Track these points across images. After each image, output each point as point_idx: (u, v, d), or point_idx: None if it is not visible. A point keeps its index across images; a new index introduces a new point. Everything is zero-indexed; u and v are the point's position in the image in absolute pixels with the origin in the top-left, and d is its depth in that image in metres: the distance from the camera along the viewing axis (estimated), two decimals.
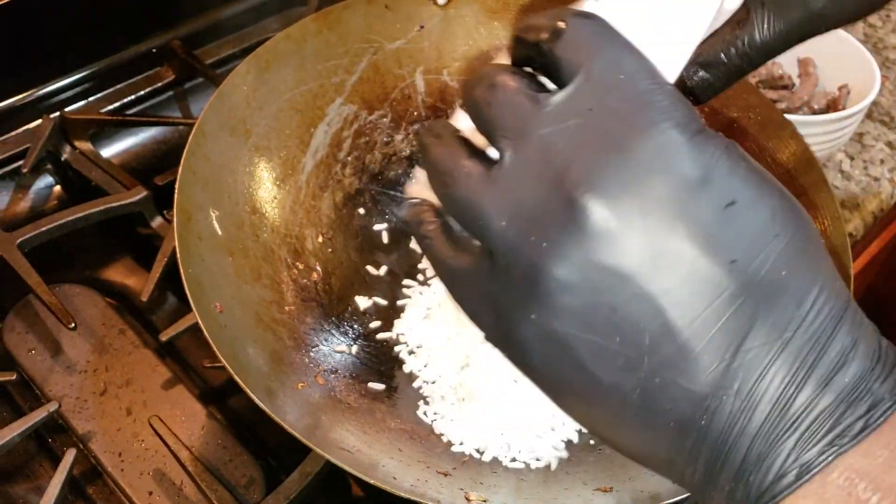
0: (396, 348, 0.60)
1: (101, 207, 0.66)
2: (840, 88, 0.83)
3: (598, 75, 0.28)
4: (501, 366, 0.55)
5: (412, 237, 0.67)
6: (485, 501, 0.49)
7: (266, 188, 0.62)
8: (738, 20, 0.38)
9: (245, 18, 0.84)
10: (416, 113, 0.70)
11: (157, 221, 0.68)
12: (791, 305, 0.26)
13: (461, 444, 0.55)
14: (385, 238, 0.67)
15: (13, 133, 0.74)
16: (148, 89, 0.79)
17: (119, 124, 0.76)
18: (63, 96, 0.76)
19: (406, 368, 0.59)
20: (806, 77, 0.85)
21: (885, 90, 0.92)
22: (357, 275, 0.64)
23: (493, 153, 0.30)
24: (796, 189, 0.60)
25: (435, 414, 0.57)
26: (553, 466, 0.54)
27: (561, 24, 0.29)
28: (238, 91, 0.61)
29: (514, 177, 0.28)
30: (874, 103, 0.88)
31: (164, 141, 0.78)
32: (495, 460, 0.54)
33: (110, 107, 0.77)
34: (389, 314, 0.62)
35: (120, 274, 0.69)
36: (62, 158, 0.73)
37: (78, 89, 0.77)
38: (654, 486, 0.50)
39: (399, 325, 0.61)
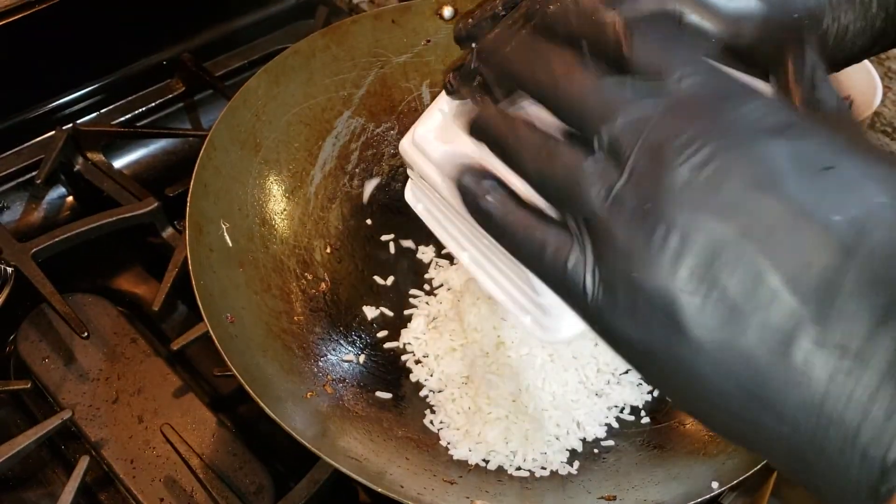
0: (403, 357, 0.61)
1: (113, 218, 0.67)
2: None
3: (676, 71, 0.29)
4: (507, 375, 0.56)
5: (413, 248, 0.68)
6: None
7: (275, 200, 0.63)
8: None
9: (253, 31, 0.85)
10: None
11: (167, 232, 0.69)
12: None
13: (467, 452, 0.56)
14: (392, 248, 0.67)
15: (27, 144, 0.75)
16: (158, 101, 0.80)
17: (130, 136, 0.77)
18: (75, 108, 0.78)
19: (413, 378, 0.60)
20: None
21: (888, 101, 0.93)
22: (364, 285, 0.65)
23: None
24: None
25: (441, 423, 0.57)
26: (558, 475, 0.55)
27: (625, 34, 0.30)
28: (248, 105, 0.62)
29: (608, 153, 0.29)
30: (877, 114, 0.88)
31: (174, 152, 0.79)
32: (500, 469, 0.55)
33: (122, 118, 0.78)
34: (396, 324, 0.63)
35: (131, 283, 0.70)
36: (75, 169, 0.74)
37: (90, 101, 0.78)
38: (657, 495, 0.50)
39: (406, 335, 0.62)
